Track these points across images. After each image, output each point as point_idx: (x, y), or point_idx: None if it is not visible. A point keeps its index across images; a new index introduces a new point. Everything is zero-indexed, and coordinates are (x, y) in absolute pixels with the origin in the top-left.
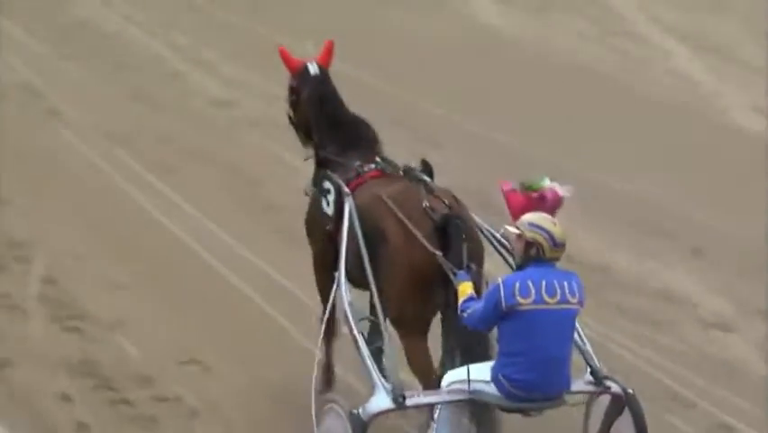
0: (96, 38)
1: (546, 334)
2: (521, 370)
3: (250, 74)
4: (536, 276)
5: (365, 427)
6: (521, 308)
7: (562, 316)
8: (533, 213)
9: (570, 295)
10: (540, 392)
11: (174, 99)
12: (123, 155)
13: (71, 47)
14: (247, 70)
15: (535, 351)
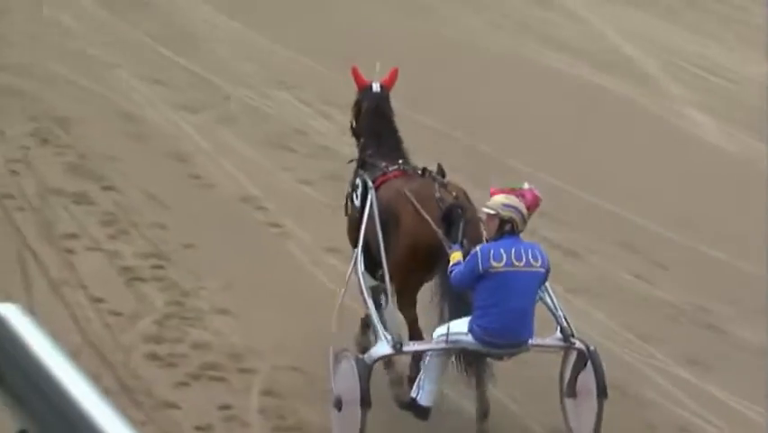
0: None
1: (514, 290)
2: (492, 319)
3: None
4: (507, 245)
5: (369, 369)
6: (494, 270)
7: (527, 276)
8: (503, 195)
9: (533, 260)
10: (507, 338)
11: None
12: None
13: None
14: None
15: (504, 303)
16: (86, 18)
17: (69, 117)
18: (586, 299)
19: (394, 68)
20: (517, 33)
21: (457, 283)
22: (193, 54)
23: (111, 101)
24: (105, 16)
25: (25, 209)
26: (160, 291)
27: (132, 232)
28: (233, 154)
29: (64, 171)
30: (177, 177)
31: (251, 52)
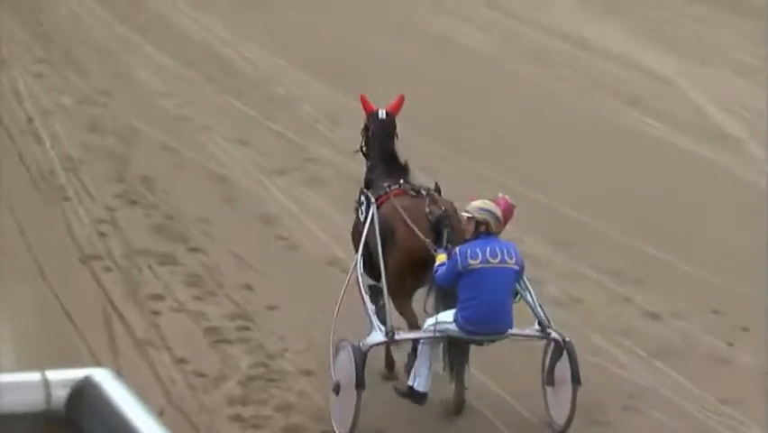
0: None
1: (490, 284)
2: (472, 311)
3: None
4: (483, 245)
5: (364, 355)
6: (472, 267)
7: (502, 272)
8: (480, 201)
9: (508, 258)
10: (486, 327)
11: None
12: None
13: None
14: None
15: (481, 296)
16: (170, 77)
17: (156, 178)
18: (667, 362)
19: (400, 95)
20: (593, 91)
21: (441, 281)
22: (279, 115)
23: (197, 162)
24: (189, 75)
25: (112, 270)
26: (245, 353)
27: (218, 293)
28: (319, 216)
29: (151, 232)
30: (263, 238)
31: (336, 114)
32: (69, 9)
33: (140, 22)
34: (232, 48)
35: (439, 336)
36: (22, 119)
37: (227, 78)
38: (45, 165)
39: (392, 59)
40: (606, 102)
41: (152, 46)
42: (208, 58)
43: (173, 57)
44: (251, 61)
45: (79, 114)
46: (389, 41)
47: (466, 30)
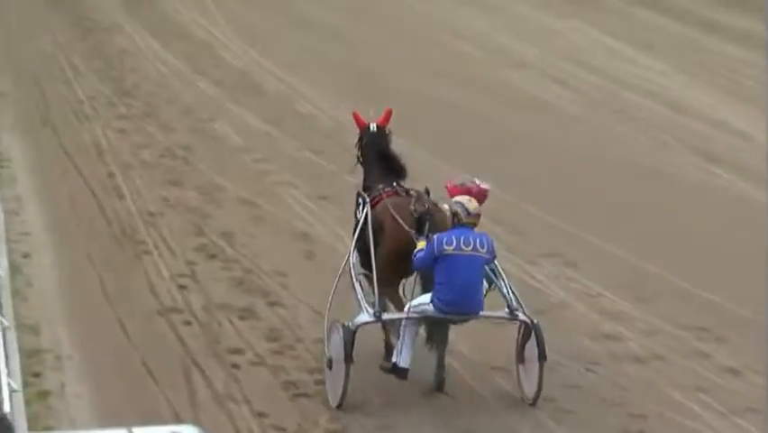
0: None
1: (462, 269)
2: (445, 293)
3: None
4: (458, 234)
5: (353, 334)
6: (446, 253)
7: (473, 259)
8: (460, 195)
9: (479, 247)
10: (457, 308)
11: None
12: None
13: None
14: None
15: (453, 280)
16: (250, 132)
17: (235, 232)
18: (747, 419)
19: (388, 109)
20: (662, 144)
21: (419, 264)
22: (360, 170)
23: (277, 216)
24: (270, 130)
25: (192, 323)
26: (324, 407)
27: (297, 347)
28: None
29: (230, 286)
30: (341, 293)
31: (416, 170)
32: (153, 66)
33: (221, 78)
34: (312, 103)
35: (418, 316)
36: (103, 174)
37: (307, 134)
38: (126, 219)
39: (476, 116)
40: (682, 156)
41: (233, 102)
42: (289, 113)
43: (254, 112)
44: (332, 117)
45: (160, 168)
46: (472, 97)
47: (550, 86)
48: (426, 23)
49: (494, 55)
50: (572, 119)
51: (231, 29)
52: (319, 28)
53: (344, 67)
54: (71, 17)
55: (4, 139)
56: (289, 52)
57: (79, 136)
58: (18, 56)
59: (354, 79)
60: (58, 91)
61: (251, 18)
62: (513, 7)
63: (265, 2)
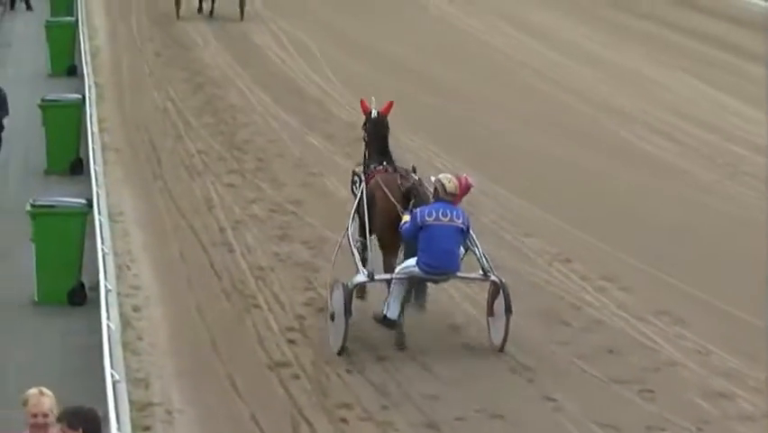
0: None
1: (440, 237)
2: (427, 257)
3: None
4: (438, 207)
5: (351, 292)
6: (427, 223)
7: (450, 228)
8: (442, 175)
9: (456, 218)
10: (438, 269)
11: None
12: None
13: None
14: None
15: (434, 246)
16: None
17: None
18: None
19: (390, 102)
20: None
21: (406, 234)
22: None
23: None
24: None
25: (300, 378)
26: None
27: (405, 402)
28: None
29: None
30: (449, 346)
31: (522, 221)
32: (264, 120)
33: (331, 132)
34: (411, 150)
35: (405, 277)
36: (214, 229)
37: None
38: (236, 274)
39: (578, 168)
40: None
41: (343, 156)
42: None
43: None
44: (422, 158)
45: (270, 223)
46: (579, 151)
47: (657, 139)
48: (528, 73)
49: (599, 107)
50: (679, 172)
51: (341, 83)
52: (415, 75)
53: (432, 110)
54: (185, 73)
55: (117, 193)
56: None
57: (190, 191)
58: (131, 111)
59: (444, 123)
60: (169, 146)
61: (360, 72)
62: (616, 58)
63: (373, 55)
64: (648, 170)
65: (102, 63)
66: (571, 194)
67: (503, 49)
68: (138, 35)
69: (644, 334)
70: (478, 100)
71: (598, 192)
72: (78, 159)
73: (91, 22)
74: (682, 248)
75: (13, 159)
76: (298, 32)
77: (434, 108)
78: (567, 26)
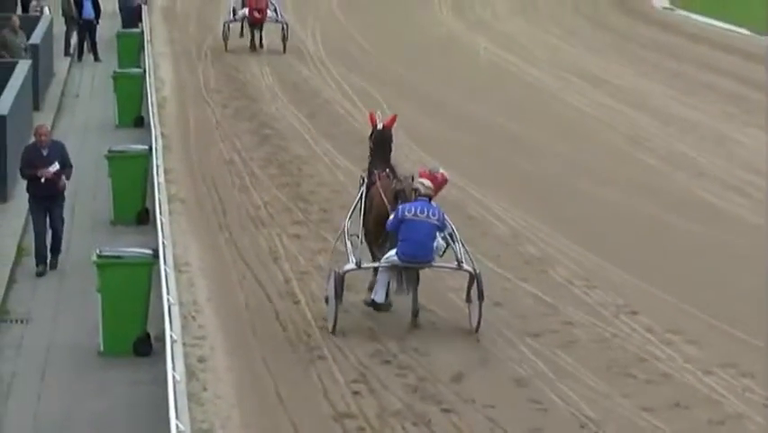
0: None
1: (416, 230)
2: (404, 247)
3: None
4: (417, 205)
5: (342, 278)
6: (406, 218)
7: (425, 223)
8: (422, 177)
9: (431, 215)
10: (413, 259)
11: None
12: None
13: None
14: None
15: (410, 238)
16: None
17: (409, 338)
18: None
19: (393, 115)
20: None
21: (390, 227)
22: (534, 277)
23: (450, 322)
24: None
25: (365, 430)
26: None
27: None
28: (573, 380)
29: (404, 392)
30: (516, 400)
31: (591, 276)
32: (329, 171)
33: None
34: (486, 208)
35: (388, 265)
36: (279, 279)
37: (481, 240)
38: (301, 325)
39: (648, 222)
40: None
41: None
42: (462, 218)
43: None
44: (506, 223)
45: None
46: (644, 202)
47: (730, 195)
48: (598, 125)
49: (672, 163)
50: (751, 228)
51: (404, 132)
52: (486, 129)
53: (515, 171)
54: (251, 124)
55: (183, 244)
56: (458, 155)
57: (256, 242)
58: (197, 163)
59: (529, 185)
60: (235, 197)
61: (418, 119)
62: (688, 114)
63: (430, 102)
64: (720, 226)
65: (169, 114)
66: (639, 247)
67: (577, 104)
68: (205, 87)
69: (711, 387)
70: (532, 146)
71: (666, 245)
72: (145, 209)
73: (158, 73)
74: (751, 303)
75: (80, 209)
76: (363, 83)
77: (505, 162)
78: (628, 74)
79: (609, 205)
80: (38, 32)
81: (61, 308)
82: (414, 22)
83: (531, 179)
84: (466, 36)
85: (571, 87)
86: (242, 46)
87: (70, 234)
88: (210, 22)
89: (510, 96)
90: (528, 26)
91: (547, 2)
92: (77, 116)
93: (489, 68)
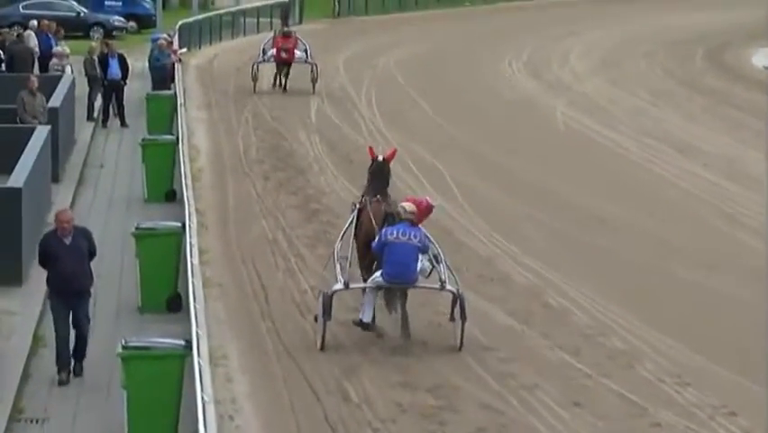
0: None
1: (398, 252)
2: (388, 268)
3: None
4: (399, 228)
5: (329, 299)
6: (389, 241)
7: (407, 246)
8: (406, 202)
9: (413, 237)
10: (396, 279)
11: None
12: None
13: None
14: None
15: (393, 259)
16: (494, 328)
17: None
18: None
19: (393, 148)
20: None
21: (374, 249)
22: (619, 373)
23: (522, 424)
24: (517, 327)
25: None
26: None
27: None
28: None
29: None
30: None
31: (684, 372)
32: None
33: (459, 265)
34: (565, 296)
35: (374, 286)
36: (328, 375)
37: (560, 331)
38: (353, 427)
39: (754, 316)
40: None
41: (474, 292)
42: (538, 307)
43: (498, 305)
44: (585, 310)
45: (391, 366)
46: (744, 293)
47: None
48: (690, 199)
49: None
50: None
51: (471, 208)
52: (564, 204)
53: (598, 253)
54: (297, 199)
55: (219, 334)
56: (533, 233)
57: (302, 332)
58: (237, 242)
59: (613, 269)
60: (278, 281)
61: (488, 193)
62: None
63: (500, 174)
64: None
65: (204, 187)
66: (738, 340)
67: (666, 175)
68: (245, 156)
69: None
70: (620, 226)
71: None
72: (177, 294)
73: (193, 140)
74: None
75: (103, 295)
76: (425, 153)
77: (585, 243)
78: (723, 141)
79: (706, 292)
80: (58, 94)
81: (82, 406)
82: (482, 82)
83: (615, 262)
84: (542, 99)
85: (659, 155)
86: (281, 104)
87: (92, 323)
88: (251, 82)
89: (591, 167)
90: (611, 87)
91: (633, 59)
92: (101, 189)
93: (567, 134)
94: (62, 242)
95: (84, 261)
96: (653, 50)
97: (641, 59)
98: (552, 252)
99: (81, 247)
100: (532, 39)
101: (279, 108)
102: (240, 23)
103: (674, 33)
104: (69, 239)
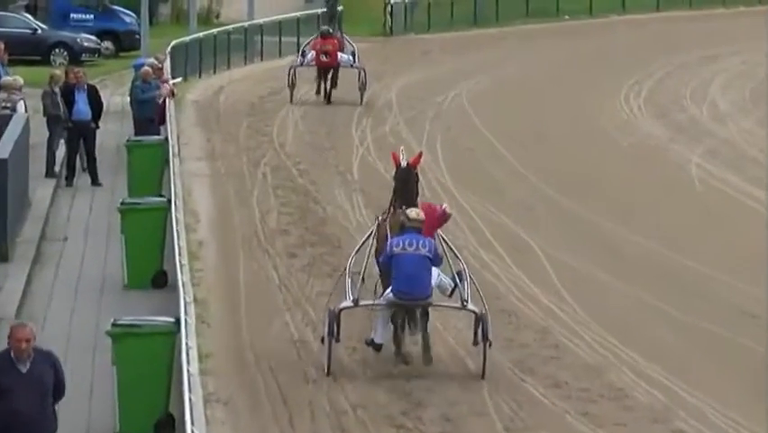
0: None
1: (407, 265)
2: (397, 284)
3: None
4: (405, 237)
5: (336, 316)
6: (395, 253)
7: (416, 257)
8: (413, 210)
9: (421, 247)
10: (408, 295)
11: None
12: None
13: None
14: None
15: (400, 274)
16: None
17: None
18: None
19: (420, 151)
20: None
21: (382, 264)
22: None
23: None
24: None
25: None
26: None
27: None
28: None
29: None
30: None
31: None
32: (455, 359)
33: (562, 378)
34: (700, 419)
35: (385, 303)
36: None
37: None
38: None
39: None
40: None
41: (581, 415)
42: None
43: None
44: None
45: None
46: None
47: None
48: None
49: None
50: None
51: (571, 297)
52: (705, 299)
53: (744, 355)
54: (333, 283)
55: None
56: (655, 329)
57: None
58: (250, 344)
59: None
60: (307, 396)
61: (593, 274)
62: None
63: (608, 251)
64: None
65: (206, 268)
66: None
67: None
68: (261, 225)
69: None
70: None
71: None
72: (168, 416)
73: (190, 203)
74: None
75: (71, 417)
76: (508, 220)
77: (729, 342)
78: None
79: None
80: (6, 141)
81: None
82: (588, 123)
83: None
84: (669, 146)
85: None
86: (313, 151)
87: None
88: (270, 123)
89: (737, 241)
90: (763, 131)
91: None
92: (65, 271)
93: (704, 195)
94: (16, 368)
95: (45, 398)
96: None
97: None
98: (682, 356)
99: (43, 379)
100: (654, 64)
101: (310, 157)
102: (255, 42)
103: None
104: (27, 365)
